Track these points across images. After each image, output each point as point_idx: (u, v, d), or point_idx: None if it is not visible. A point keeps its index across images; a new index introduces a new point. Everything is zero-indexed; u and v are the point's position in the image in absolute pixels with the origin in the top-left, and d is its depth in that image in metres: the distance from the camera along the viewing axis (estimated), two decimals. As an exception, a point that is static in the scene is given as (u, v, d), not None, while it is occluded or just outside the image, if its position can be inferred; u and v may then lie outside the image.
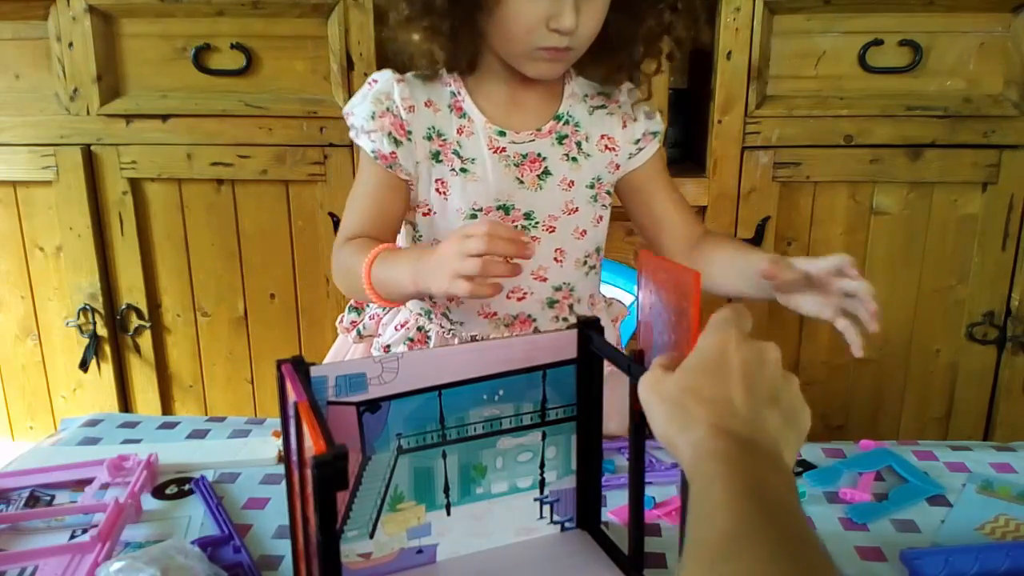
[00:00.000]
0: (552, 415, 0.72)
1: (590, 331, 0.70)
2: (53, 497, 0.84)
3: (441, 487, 0.70)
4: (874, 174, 1.48)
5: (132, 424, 1.02)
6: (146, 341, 1.65)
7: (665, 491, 0.84)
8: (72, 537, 0.76)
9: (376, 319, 1.03)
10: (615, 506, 0.81)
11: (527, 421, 0.71)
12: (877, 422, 1.62)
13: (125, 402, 1.70)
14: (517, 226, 0.94)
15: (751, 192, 1.50)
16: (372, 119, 0.90)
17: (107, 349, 1.65)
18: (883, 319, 0.74)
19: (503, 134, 0.93)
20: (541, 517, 0.75)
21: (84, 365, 1.64)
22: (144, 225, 1.60)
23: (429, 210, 0.94)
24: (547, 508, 0.75)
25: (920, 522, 0.79)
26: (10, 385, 1.74)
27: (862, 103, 1.45)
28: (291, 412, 0.57)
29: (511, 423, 0.71)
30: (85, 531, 0.76)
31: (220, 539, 0.75)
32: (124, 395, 1.70)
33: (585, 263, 0.99)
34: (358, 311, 1.05)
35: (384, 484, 0.68)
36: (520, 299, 0.96)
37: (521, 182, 0.93)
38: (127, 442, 0.97)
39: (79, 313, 1.63)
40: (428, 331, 0.98)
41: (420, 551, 0.71)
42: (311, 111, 1.50)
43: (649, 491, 0.74)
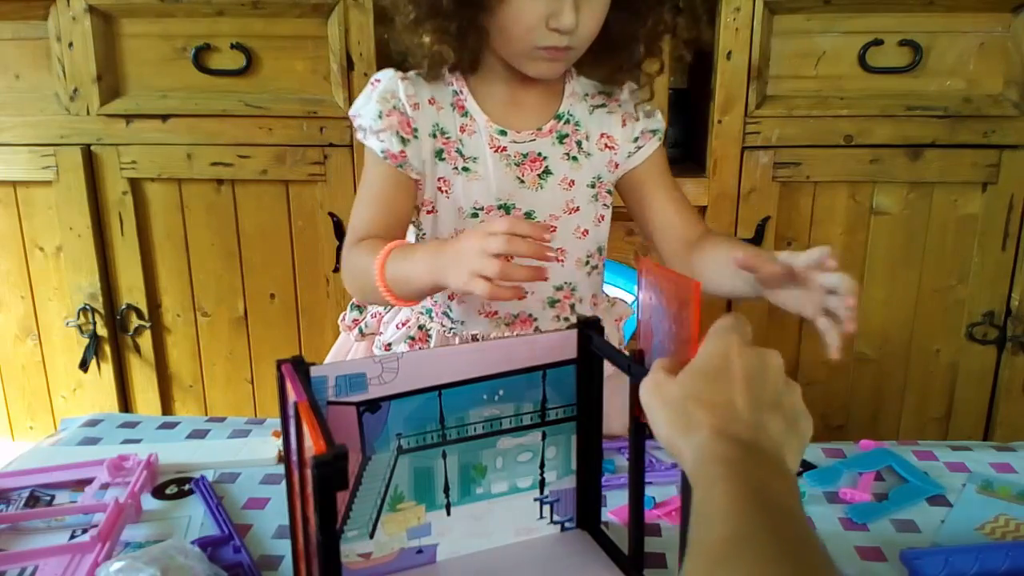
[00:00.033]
0: (552, 415, 0.72)
1: (590, 331, 0.70)
2: (53, 497, 0.84)
3: (441, 487, 0.70)
4: (874, 174, 1.48)
5: (132, 424, 1.02)
6: (146, 341, 1.65)
7: (665, 491, 0.84)
8: (72, 537, 0.76)
9: (378, 317, 1.03)
10: (615, 506, 0.81)
11: (527, 421, 0.71)
12: (877, 422, 1.62)
13: (125, 402, 1.70)
14: None
15: (751, 192, 1.50)
16: (379, 118, 0.89)
17: (107, 349, 1.65)
18: (883, 318, 0.74)
19: (504, 133, 0.93)
20: (541, 517, 0.75)
21: (84, 365, 1.64)
22: (144, 225, 1.60)
23: (432, 208, 0.94)
24: (547, 508, 0.75)
25: (920, 522, 0.79)
26: (10, 385, 1.74)
27: (862, 103, 1.45)
28: (291, 412, 0.57)
29: (511, 423, 0.71)
30: (85, 531, 0.76)
31: (220, 539, 0.75)
32: (124, 395, 1.70)
33: (587, 263, 0.99)
34: (360, 309, 1.05)
35: (384, 484, 0.68)
36: (520, 299, 0.96)
37: (522, 182, 0.93)
38: (127, 442, 0.97)
39: (79, 313, 1.63)
40: (429, 330, 0.98)
41: (420, 551, 0.71)
42: (311, 111, 1.50)
43: (649, 491, 0.74)
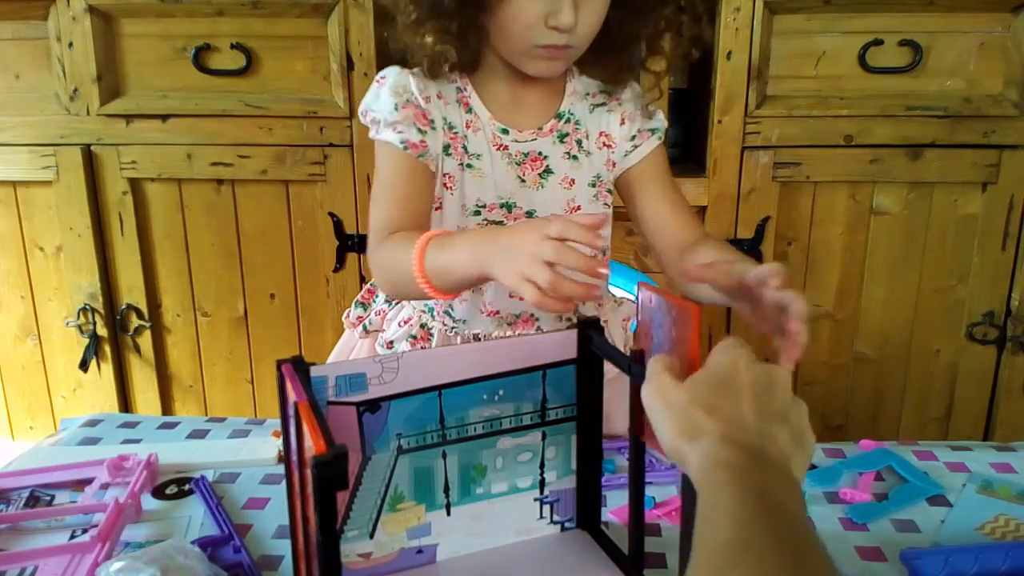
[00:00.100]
0: (552, 415, 0.72)
1: (590, 331, 0.70)
2: (53, 497, 0.84)
3: (441, 487, 0.70)
4: (874, 174, 1.48)
5: (132, 424, 1.02)
6: (146, 341, 1.65)
7: (665, 491, 0.84)
8: (72, 537, 0.76)
9: (382, 314, 1.02)
10: (615, 506, 0.81)
11: (527, 421, 0.71)
12: (877, 422, 1.62)
13: (125, 402, 1.70)
14: None
15: (751, 192, 1.50)
16: (395, 110, 0.88)
17: (107, 349, 1.65)
18: (883, 318, 0.72)
19: (506, 132, 0.93)
20: (541, 517, 0.75)
21: (84, 365, 1.64)
22: (144, 225, 1.60)
23: (439, 204, 0.93)
24: (547, 508, 0.75)
25: (920, 522, 0.79)
26: (10, 385, 1.74)
27: (862, 103, 1.45)
28: (291, 412, 0.57)
29: (511, 423, 0.71)
30: (85, 531, 0.76)
31: (220, 539, 0.75)
32: (124, 395, 1.70)
33: None
34: (364, 306, 1.05)
35: (384, 484, 0.68)
36: (523, 298, 0.95)
37: (523, 181, 0.93)
38: (127, 442, 0.97)
39: (79, 313, 1.63)
40: (431, 328, 0.98)
41: (420, 551, 0.71)
42: (311, 111, 1.50)
43: (649, 491, 0.74)
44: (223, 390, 1.69)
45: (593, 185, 0.96)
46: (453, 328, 0.98)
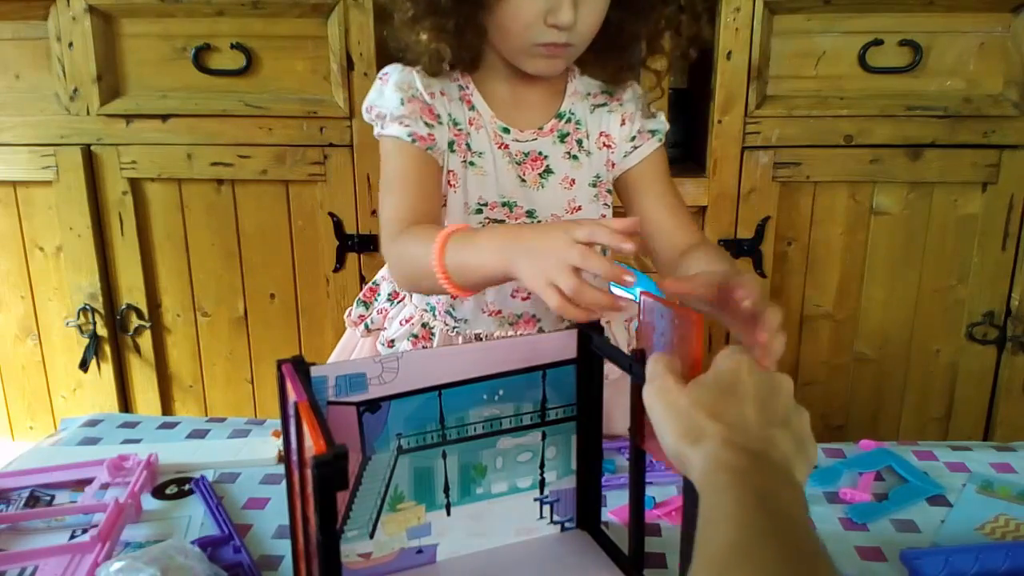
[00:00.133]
0: (552, 415, 0.72)
1: (590, 331, 0.70)
2: (53, 497, 0.84)
3: (441, 487, 0.70)
4: (874, 174, 1.48)
5: (132, 424, 1.02)
6: (146, 341, 1.65)
7: (665, 491, 0.84)
8: (72, 537, 0.76)
9: (383, 313, 1.02)
10: (615, 506, 0.81)
11: (527, 421, 0.71)
12: (877, 422, 1.62)
13: (125, 402, 1.70)
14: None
15: (751, 192, 1.50)
16: (402, 105, 0.87)
17: (107, 349, 1.65)
18: (883, 318, 0.71)
19: (507, 131, 0.92)
20: (541, 517, 0.75)
21: (84, 365, 1.64)
22: (144, 225, 1.60)
23: (444, 202, 0.92)
24: (547, 508, 0.75)
25: (920, 522, 0.79)
26: (10, 385, 1.74)
27: (862, 103, 1.45)
28: (291, 412, 0.57)
29: (511, 423, 0.71)
30: (85, 531, 0.76)
31: (220, 539, 0.75)
32: (124, 395, 1.69)
33: None
34: (366, 305, 1.05)
35: (384, 484, 0.68)
36: (525, 298, 0.96)
37: (523, 180, 0.93)
38: (127, 442, 0.97)
39: (79, 313, 1.63)
40: (432, 328, 0.98)
41: (420, 551, 0.71)
42: (311, 111, 1.50)
43: (649, 491, 0.74)
44: (223, 390, 1.69)
45: (593, 185, 0.96)
46: (455, 328, 0.97)
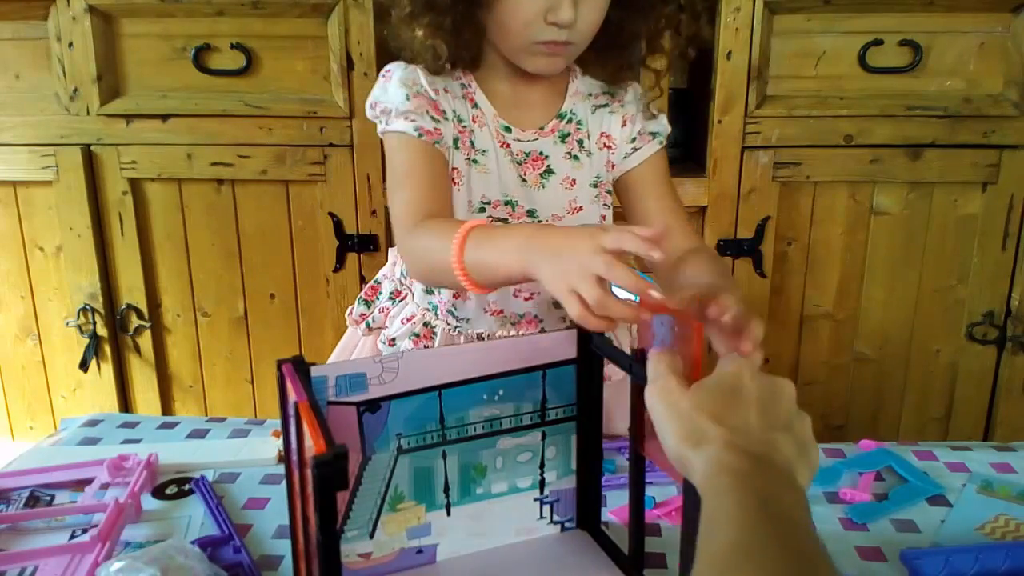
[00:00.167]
0: (552, 415, 0.72)
1: (590, 331, 0.70)
2: (53, 497, 0.84)
3: (441, 487, 0.70)
4: (874, 174, 1.48)
5: (132, 424, 1.02)
6: (146, 341, 1.65)
7: (665, 491, 0.84)
8: (72, 537, 0.76)
9: (385, 312, 1.02)
10: (615, 506, 0.81)
11: (527, 421, 0.71)
12: (877, 422, 1.62)
13: (125, 402, 1.70)
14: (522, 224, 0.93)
15: (751, 192, 1.50)
16: (407, 100, 0.87)
17: (107, 349, 1.65)
18: (883, 318, 0.71)
19: (509, 130, 0.92)
20: (541, 517, 0.75)
21: (84, 365, 1.64)
22: (144, 225, 1.60)
23: None
24: (547, 508, 0.75)
25: (920, 522, 0.79)
26: (10, 385, 1.74)
27: (862, 103, 1.45)
28: (291, 412, 0.57)
29: (511, 423, 0.71)
30: (85, 531, 0.76)
31: (220, 539, 0.75)
32: (124, 395, 1.69)
33: None
34: (368, 303, 1.05)
35: (384, 484, 0.68)
36: (528, 299, 0.95)
37: (524, 180, 0.93)
38: (127, 442, 0.97)
39: (79, 313, 1.63)
40: (434, 327, 0.98)
41: (420, 551, 0.71)
42: (311, 111, 1.50)
43: (649, 491, 0.74)
44: (223, 390, 1.69)
45: (594, 186, 0.96)
46: (457, 327, 0.97)
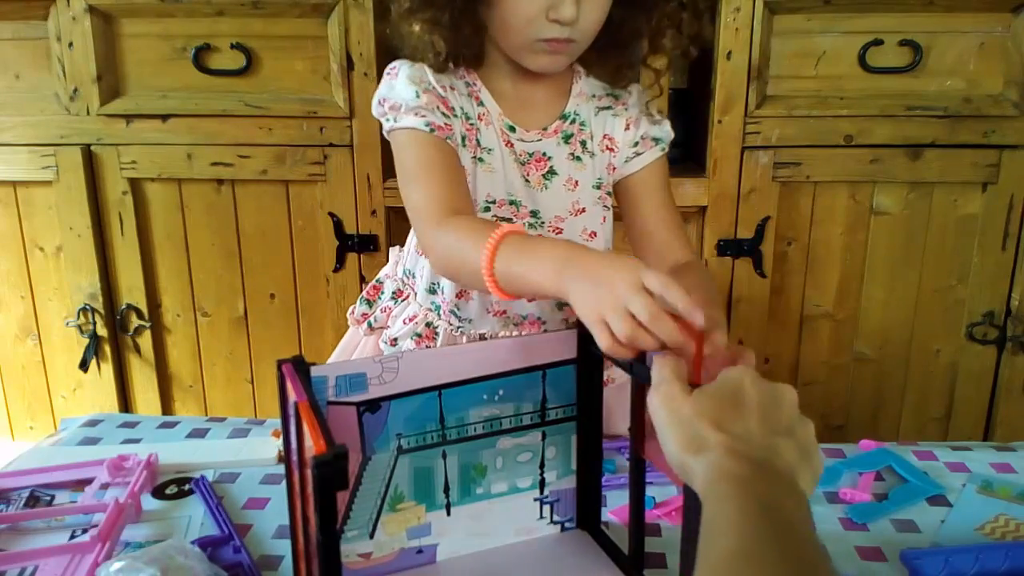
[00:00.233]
0: (552, 415, 0.72)
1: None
2: (53, 497, 0.84)
3: (441, 487, 0.70)
4: (874, 174, 1.48)
5: (132, 424, 1.02)
6: (146, 341, 1.65)
7: (665, 491, 0.84)
8: (72, 537, 0.76)
9: (387, 311, 1.02)
10: (615, 506, 0.81)
11: (527, 421, 0.71)
12: (877, 422, 1.62)
13: (125, 402, 1.70)
14: (523, 224, 0.92)
15: (751, 192, 1.50)
16: (417, 97, 0.86)
17: (107, 349, 1.65)
18: (883, 318, 0.70)
19: (513, 129, 0.92)
20: (541, 517, 0.75)
21: (84, 365, 1.64)
22: (144, 225, 1.60)
23: None
24: (547, 508, 0.75)
25: (920, 522, 0.79)
26: (10, 385, 1.74)
27: (862, 103, 1.45)
28: (291, 412, 0.57)
29: (511, 423, 0.71)
30: (85, 531, 0.76)
31: (220, 539, 0.75)
32: (124, 395, 1.69)
33: None
34: (369, 303, 1.05)
35: (384, 484, 0.68)
36: (530, 299, 0.95)
37: (527, 181, 0.93)
38: (127, 442, 0.97)
39: (79, 313, 1.62)
40: (436, 327, 0.98)
41: (420, 551, 0.71)
42: (311, 111, 1.50)
43: (649, 491, 0.74)
44: (223, 390, 1.69)
45: (597, 187, 0.96)
46: (459, 328, 0.97)
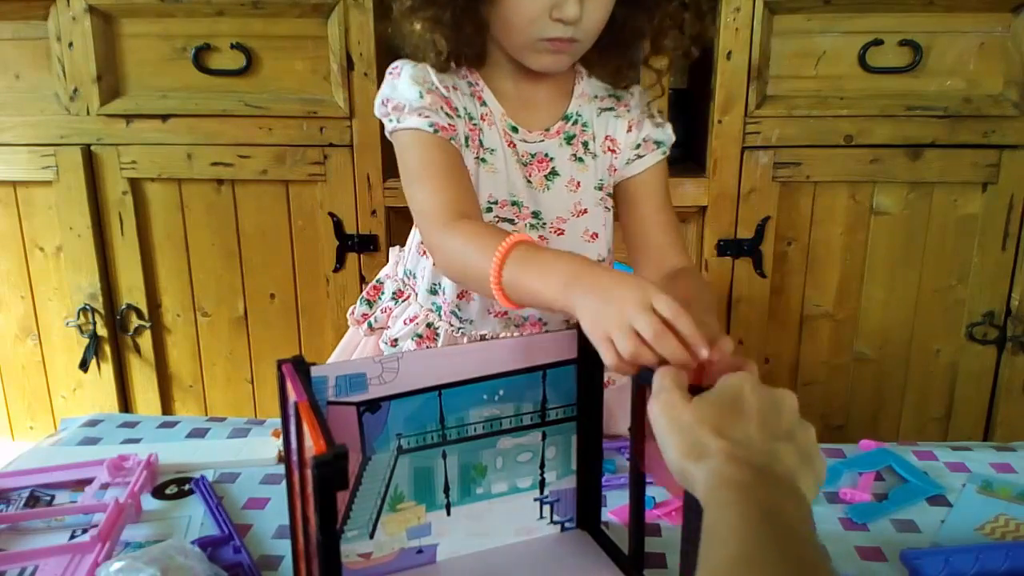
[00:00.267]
0: (552, 415, 0.72)
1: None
2: (53, 497, 0.84)
3: (441, 487, 0.70)
4: (874, 174, 1.48)
5: (132, 424, 1.02)
6: (146, 341, 1.65)
7: (665, 491, 0.84)
8: (72, 537, 0.76)
9: (387, 312, 1.02)
10: (615, 506, 0.81)
11: (527, 421, 0.71)
12: (877, 422, 1.62)
13: (125, 402, 1.70)
14: (525, 225, 0.92)
15: (751, 192, 1.50)
16: (421, 97, 0.85)
17: (107, 349, 1.65)
18: (883, 318, 0.71)
19: (515, 130, 0.92)
20: (541, 517, 0.75)
21: (84, 365, 1.64)
22: (144, 225, 1.60)
23: None
24: (547, 508, 0.75)
25: (920, 522, 0.79)
26: (10, 385, 1.74)
27: (862, 103, 1.45)
28: (291, 412, 0.57)
29: (511, 423, 0.71)
30: (85, 531, 0.76)
31: (220, 539, 0.75)
32: (124, 395, 1.69)
33: None
34: (370, 303, 1.05)
35: (384, 484, 0.68)
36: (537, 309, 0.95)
37: (529, 182, 0.93)
38: (127, 442, 0.97)
39: (79, 313, 1.63)
40: (437, 328, 0.98)
41: (420, 551, 0.71)
42: (311, 111, 1.50)
43: (649, 491, 0.74)
44: (223, 390, 1.69)
45: (599, 188, 0.96)
46: (460, 328, 0.97)
